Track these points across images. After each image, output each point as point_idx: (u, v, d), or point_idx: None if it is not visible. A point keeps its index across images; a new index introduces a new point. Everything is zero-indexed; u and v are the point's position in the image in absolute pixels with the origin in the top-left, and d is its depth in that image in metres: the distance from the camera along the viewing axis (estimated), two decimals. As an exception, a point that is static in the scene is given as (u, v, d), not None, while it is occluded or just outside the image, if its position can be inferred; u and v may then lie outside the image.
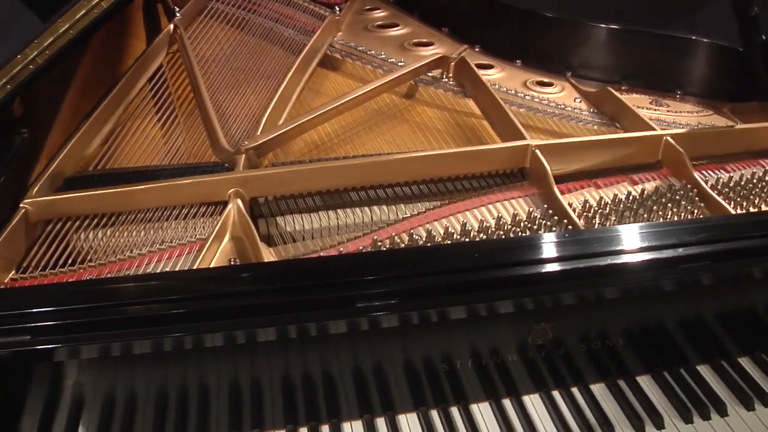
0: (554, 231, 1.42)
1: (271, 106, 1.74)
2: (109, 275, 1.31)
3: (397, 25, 2.37)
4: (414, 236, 1.40)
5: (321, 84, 2.08)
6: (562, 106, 1.94)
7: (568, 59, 2.12)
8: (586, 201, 1.54)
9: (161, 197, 1.46)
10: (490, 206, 1.53)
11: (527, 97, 1.97)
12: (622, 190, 1.61)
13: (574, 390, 1.36)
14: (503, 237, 1.42)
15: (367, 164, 1.55)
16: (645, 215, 1.51)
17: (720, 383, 1.39)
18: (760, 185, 1.61)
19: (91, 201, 1.44)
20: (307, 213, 1.52)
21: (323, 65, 2.13)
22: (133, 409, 1.21)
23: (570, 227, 1.43)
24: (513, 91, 1.98)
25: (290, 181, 1.51)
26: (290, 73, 1.89)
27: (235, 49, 2.09)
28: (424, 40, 2.26)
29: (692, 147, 1.69)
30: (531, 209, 1.50)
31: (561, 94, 2.02)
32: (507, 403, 1.33)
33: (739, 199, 1.58)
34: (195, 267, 1.29)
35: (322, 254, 1.38)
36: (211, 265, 1.34)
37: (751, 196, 1.58)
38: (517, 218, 1.46)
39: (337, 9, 2.35)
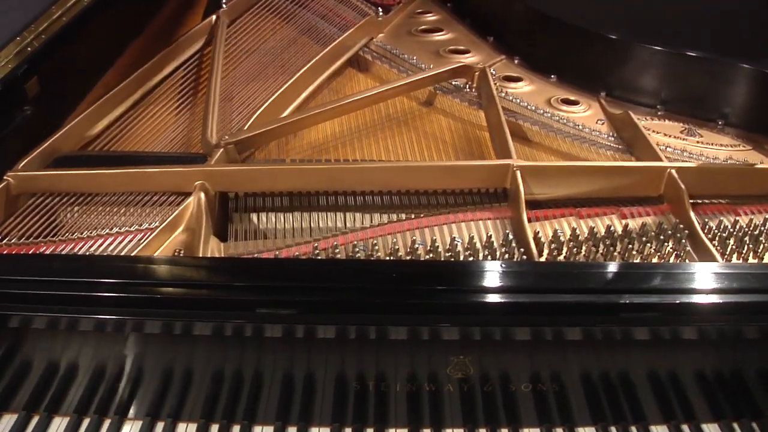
0: (502, 259, 1.34)
1: (268, 102, 1.76)
2: (58, 253, 1.37)
3: (441, 31, 2.32)
4: (356, 249, 1.37)
5: (345, 84, 2.07)
6: (580, 127, 1.82)
7: (604, 78, 1.99)
8: (556, 230, 1.43)
9: (131, 183, 1.51)
10: (453, 225, 1.47)
11: (546, 115, 1.86)
12: (606, 222, 1.49)
13: (503, 431, 1.28)
14: (452, 259, 1.35)
15: (337, 170, 1.54)
16: (617, 253, 1.39)
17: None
18: (764, 234, 1.44)
19: (67, 180, 1.51)
20: (272, 212, 1.52)
21: (353, 66, 2.13)
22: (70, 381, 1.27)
23: (524, 257, 1.34)
24: (533, 107, 1.88)
25: (256, 180, 1.52)
26: (301, 71, 1.89)
27: (273, 43, 2.13)
28: (461, 47, 2.20)
29: (700, 183, 1.54)
30: (490, 233, 1.42)
31: (584, 114, 1.89)
32: (426, 432, 1.27)
33: (735, 246, 1.42)
34: (134, 254, 1.33)
35: (264, 256, 1.37)
36: (155, 254, 1.37)
37: (751, 246, 1.42)
38: (473, 241, 1.39)
39: (380, 10, 2.33)
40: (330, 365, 1.21)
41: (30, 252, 1.38)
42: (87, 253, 1.35)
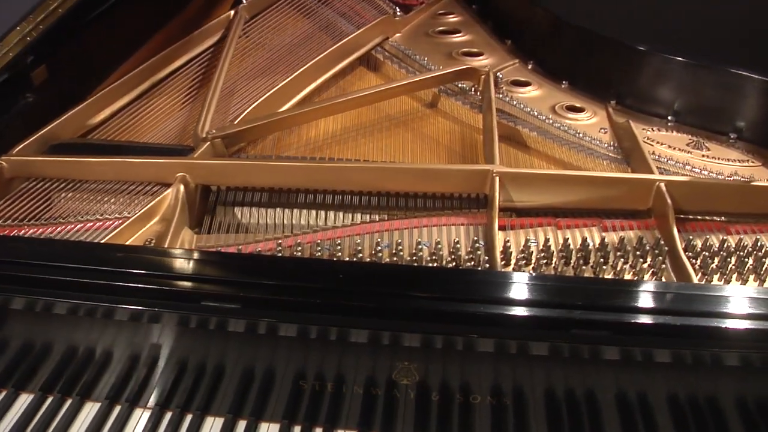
0: (464, 266, 1.32)
1: (263, 98, 1.77)
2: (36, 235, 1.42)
3: (459, 32, 2.29)
4: (318, 247, 1.36)
5: (354, 83, 2.07)
6: (581, 135, 1.77)
7: (617, 86, 1.92)
8: (528, 240, 1.40)
9: (117, 172, 1.55)
10: (425, 229, 1.45)
11: (548, 121, 1.82)
12: (586, 235, 1.44)
13: (450, 441, 1.25)
14: (414, 264, 1.34)
15: (314, 168, 1.53)
16: (585, 266, 1.34)
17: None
18: (752, 255, 1.37)
19: (57, 166, 1.56)
20: (252, 207, 1.54)
21: (365, 65, 2.13)
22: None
23: (487, 266, 1.32)
24: (535, 113, 1.84)
25: (234, 174, 1.53)
26: (302, 69, 1.90)
27: (289, 40, 2.14)
28: (475, 50, 2.17)
29: (691, 199, 1.48)
30: (457, 239, 1.39)
31: (587, 122, 1.84)
32: (371, 436, 1.26)
33: (715, 267, 1.35)
34: (104, 241, 1.36)
35: (230, 250, 1.38)
36: (127, 243, 1.40)
37: (736, 266, 1.35)
38: (439, 246, 1.36)
39: (398, 9, 2.32)
40: (274, 362, 1.21)
41: (12, 233, 1.44)
42: (53, 238, 1.39)
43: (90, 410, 1.32)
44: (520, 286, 1.16)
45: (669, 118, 1.85)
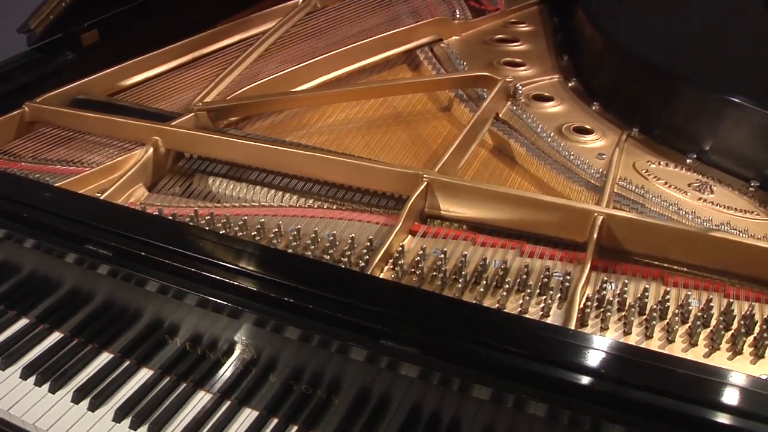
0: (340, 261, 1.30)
1: (268, 78, 1.84)
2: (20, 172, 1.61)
3: (516, 41, 2.20)
4: (230, 223, 1.40)
5: (382, 77, 2.07)
6: (571, 157, 1.63)
7: (647, 113, 1.75)
8: (423, 249, 1.33)
9: (107, 128, 1.70)
10: (339, 221, 1.43)
11: (545, 138, 1.69)
12: (497, 256, 1.33)
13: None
14: (304, 254, 1.33)
15: (257, 147, 1.56)
16: (463, 287, 1.25)
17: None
18: (669, 312, 1.19)
19: (63, 117, 1.75)
20: (209, 176, 1.62)
21: (408, 63, 2.12)
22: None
23: (362, 266, 1.28)
24: (540, 129, 1.72)
25: (196, 144, 1.62)
26: (323, 56, 1.94)
27: (345, 32, 2.18)
28: (518, 60, 2.07)
29: (635, 239, 1.32)
30: (353, 236, 1.35)
31: (589, 146, 1.69)
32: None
33: (616, 319, 1.19)
34: (58, 185, 1.51)
35: (153, 211, 1.47)
36: (81, 191, 1.54)
37: (641, 322, 1.18)
38: (334, 240, 1.35)
39: (458, 13, 2.28)
40: (136, 308, 1.30)
41: (9, 168, 1.64)
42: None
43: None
44: (344, 284, 1.13)
45: (690, 154, 1.64)
